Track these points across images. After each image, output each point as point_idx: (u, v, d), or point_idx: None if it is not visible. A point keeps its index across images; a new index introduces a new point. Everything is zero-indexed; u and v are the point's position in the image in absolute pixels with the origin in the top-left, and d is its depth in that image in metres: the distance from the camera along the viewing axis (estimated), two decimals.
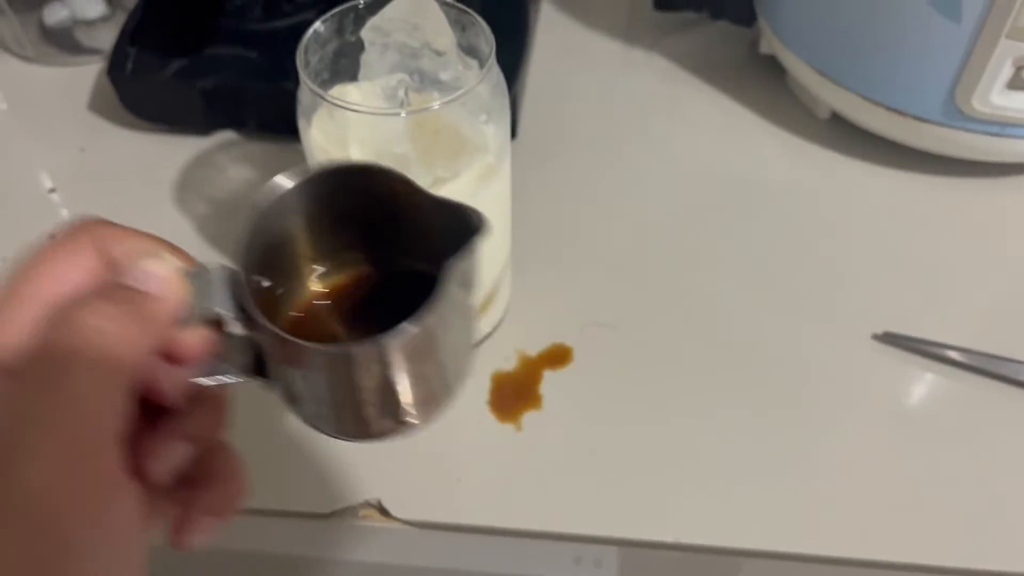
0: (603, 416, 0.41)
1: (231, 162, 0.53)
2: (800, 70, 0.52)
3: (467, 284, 0.27)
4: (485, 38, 0.35)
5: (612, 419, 0.41)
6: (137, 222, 0.48)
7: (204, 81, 0.51)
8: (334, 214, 0.28)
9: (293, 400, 0.27)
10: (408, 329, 0.24)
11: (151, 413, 0.26)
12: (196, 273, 0.25)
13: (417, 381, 0.26)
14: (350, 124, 0.34)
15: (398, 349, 0.24)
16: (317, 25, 0.35)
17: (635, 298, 0.46)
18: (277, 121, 0.52)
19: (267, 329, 0.25)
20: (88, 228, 0.25)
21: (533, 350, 0.44)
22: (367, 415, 0.27)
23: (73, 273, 0.24)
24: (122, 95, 0.52)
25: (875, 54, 0.47)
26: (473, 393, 0.42)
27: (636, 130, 0.55)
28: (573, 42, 0.62)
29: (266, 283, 0.28)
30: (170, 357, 0.25)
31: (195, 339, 0.25)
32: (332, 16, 0.35)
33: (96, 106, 0.57)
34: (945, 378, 0.42)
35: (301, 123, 0.36)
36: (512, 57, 0.52)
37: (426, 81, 0.37)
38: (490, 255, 0.40)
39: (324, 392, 0.26)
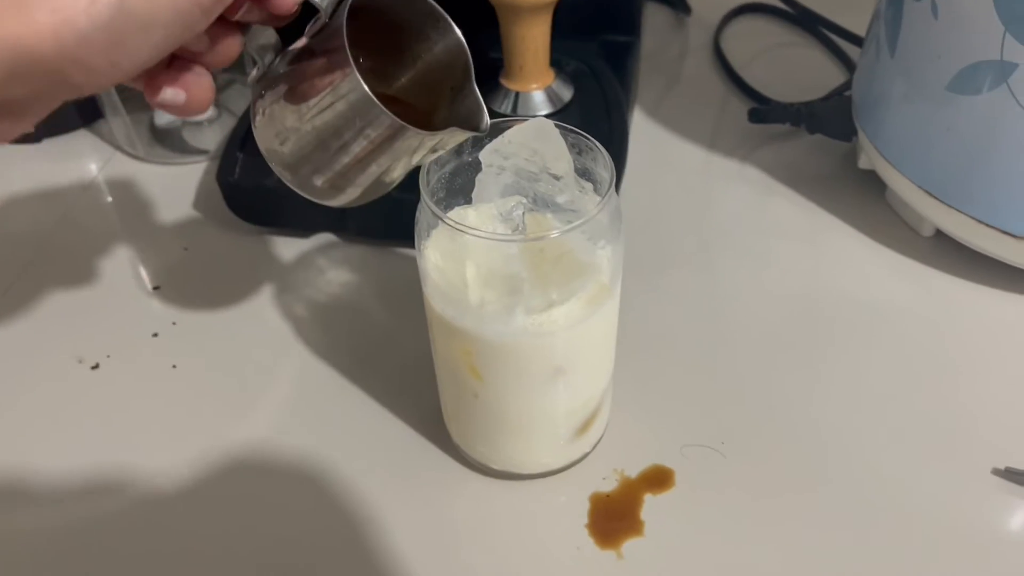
0: (709, 546, 0.40)
1: (330, 264, 0.54)
2: (905, 188, 0.51)
3: (440, 147, 0.35)
4: (604, 163, 0.35)
5: (718, 549, 0.39)
6: (237, 321, 0.50)
7: None
8: (407, 51, 0.36)
9: (282, 131, 0.34)
10: (402, 125, 0.32)
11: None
12: None
13: (372, 165, 0.34)
14: (467, 246, 0.34)
15: (394, 132, 0.32)
16: None
17: (736, 419, 0.45)
18: (377, 226, 0.53)
19: (339, 31, 0.31)
20: None
21: (633, 471, 0.43)
22: (330, 164, 0.34)
23: None
24: (229, 199, 0.54)
25: (990, 178, 0.46)
26: (571, 513, 0.41)
27: (732, 243, 0.55)
28: (664, 152, 0.63)
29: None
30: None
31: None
32: None
33: (200, 205, 0.59)
34: None
35: (418, 240, 0.36)
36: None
37: (540, 203, 0.37)
38: (596, 374, 0.40)
39: (322, 124, 0.33)
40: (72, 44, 0.26)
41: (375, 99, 0.31)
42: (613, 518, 0.41)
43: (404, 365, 0.47)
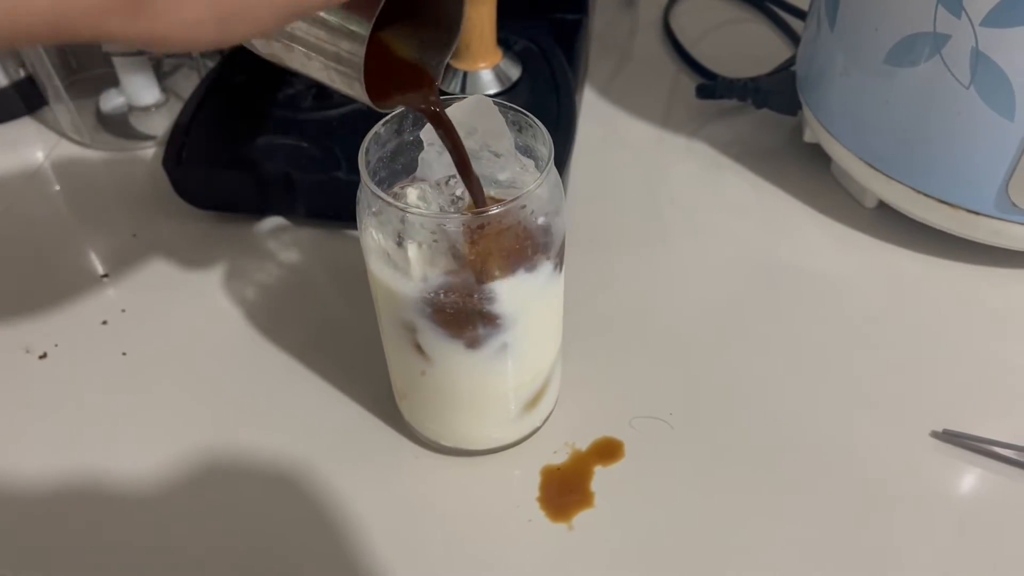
0: (657, 515, 0.40)
1: (280, 247, 0.54)
2: (847, 160, 0.52)
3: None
4: (543, 140, 0.36)
5: (666, 518, 0.40)
6: (187, 307, 0.50)
7: (256, 170, 0.52)
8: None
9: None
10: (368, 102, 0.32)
11: None
12: None
13: (314, 77, 0.33)
14: (408, 224, 0.34)
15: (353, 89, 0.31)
16: (378, 127, 0.36)
17: (684, 389, 0.46)
18: (326, 207, 0.53)
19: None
20: None
21: (583, 444, 0.43)
22: (281, 53, 0.32)
23: None
24: (176, 184, 0.54)
25: (927, 149, 0.47)
26: (522, 487, 0.42)
27: (681, 217, 0.56)
28: (615, 129, 0.63)
29: None
30: None
31: None
32: (392, 118, 0.36)
33: (148, 191, 0.58)
34: (1007, 479, 0.41)
35: (360, 220, 0.36)
36: (558, 147, 0.53)
37: (483, 181, 0.37)
38: (543, 348, 0.40)
39: (301, 34, 0.31)
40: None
41: (363, 76, 0.30)
42: (564, 491, 0.42)
43: (356, 346, 0.48)
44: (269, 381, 0.47)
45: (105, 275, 0.53)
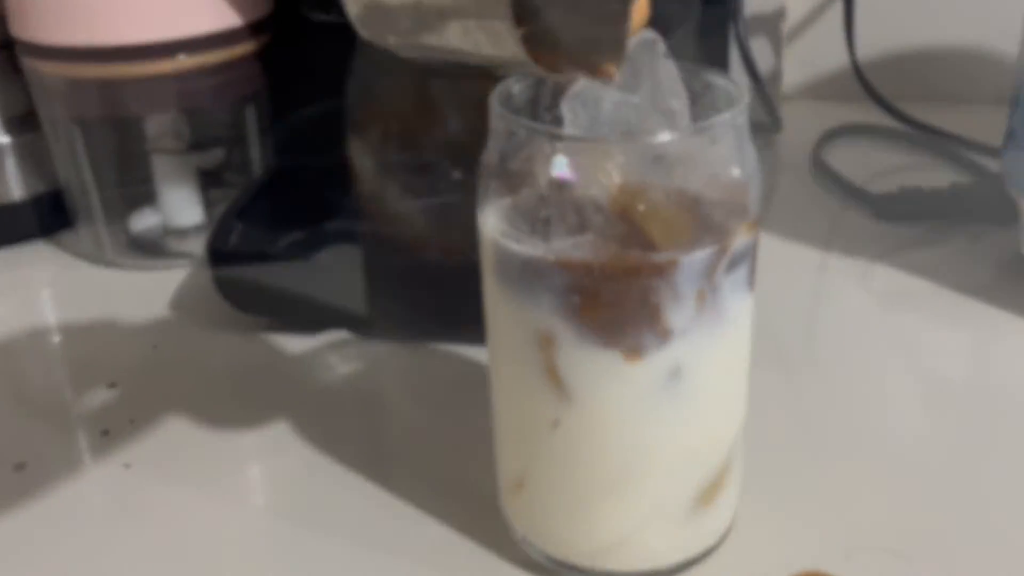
0: None
1: (341, 361, 0.51)
2: None
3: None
4: (730, 101, 0.33)
5: None
6: (211, 421, 0.48)
7: (320, 258, 0.50)
8: None
9: None
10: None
11: None
12: None
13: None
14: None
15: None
16: (510, 83, 0.34)
17: (918, 520, 0.39)
18: (415, 320, 0.51)
19: None
20: None
21: None
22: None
23: None
24: (219, 278, 0.52)
25: None
26: None
27: (889, 342, 0.53)
28: (777, 257, 0.61)
29: None
30: None
31: None
32: (527, 85, 0.35)
33: (177, 304, 0.57)
34: None
35: (480, 201, 0.33)
36: None
37: (646, 152, 0.34)
38: (726, 394, 0.34)
39: None
40: None
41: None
42: None
43: (433, 464, 0.43)
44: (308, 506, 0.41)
45: (113, 384, 0.50)
